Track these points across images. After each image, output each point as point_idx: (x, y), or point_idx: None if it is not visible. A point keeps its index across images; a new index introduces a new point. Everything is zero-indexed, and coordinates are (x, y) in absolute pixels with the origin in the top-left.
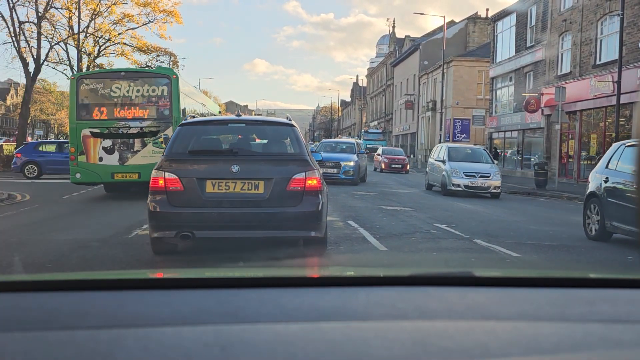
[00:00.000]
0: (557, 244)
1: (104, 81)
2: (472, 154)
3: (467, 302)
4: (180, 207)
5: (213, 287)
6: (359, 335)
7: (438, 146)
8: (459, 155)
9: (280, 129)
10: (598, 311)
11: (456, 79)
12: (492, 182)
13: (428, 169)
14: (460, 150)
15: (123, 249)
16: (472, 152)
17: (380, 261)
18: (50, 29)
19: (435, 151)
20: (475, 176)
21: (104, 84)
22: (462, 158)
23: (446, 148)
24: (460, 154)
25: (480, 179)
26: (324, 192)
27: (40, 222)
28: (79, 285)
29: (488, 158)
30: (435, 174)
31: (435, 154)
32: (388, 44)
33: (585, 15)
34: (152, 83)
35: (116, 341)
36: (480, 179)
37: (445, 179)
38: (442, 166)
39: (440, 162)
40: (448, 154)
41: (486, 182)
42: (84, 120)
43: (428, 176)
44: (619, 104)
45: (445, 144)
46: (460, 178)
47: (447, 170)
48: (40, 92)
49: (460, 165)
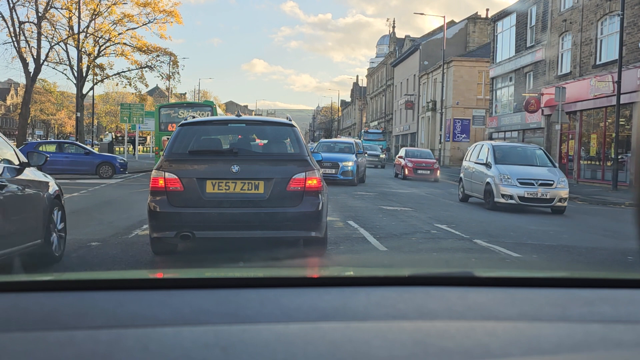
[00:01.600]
0: (557, 244)
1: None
2: (525, 154)
3: (468, 303)
4: (180, 207)
5: (213, 287)
6: (359, 335)
7: (476, 145)
8: (509, 156)
9: (281, 129)
10: (598, 311)
11: (456, 79)
12: (557, 192)
13: (462, 175)
14: (510, 150)
15: (123, 249)
16: (523, 151)
17: (380, 261)
18: (50, 29)
19: (473, 151)
20: (534, 184)
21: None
22: (513, 160)
23: (490, 147)
24: (510, 154)
25: (541, 188)
26: (324, 192)
27: None
28: (79, 285)
29: (546, 159)
30: (474, 181)
31: (472, 154)
32: (388, 44)
33: (585, 15)
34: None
35: (116, 341)
36: (541, 188)
37: (491, 188)
38: (485, 171)
39: (481, 166)
40: (493, 154)
41: (549, 193)
42: (162, 131)
43: (463, 184)
44: (619, 104)
45: (486, 141)
46: (512, 187)
47: (493, 176)
48: (40, 92)
49: (511, 169)
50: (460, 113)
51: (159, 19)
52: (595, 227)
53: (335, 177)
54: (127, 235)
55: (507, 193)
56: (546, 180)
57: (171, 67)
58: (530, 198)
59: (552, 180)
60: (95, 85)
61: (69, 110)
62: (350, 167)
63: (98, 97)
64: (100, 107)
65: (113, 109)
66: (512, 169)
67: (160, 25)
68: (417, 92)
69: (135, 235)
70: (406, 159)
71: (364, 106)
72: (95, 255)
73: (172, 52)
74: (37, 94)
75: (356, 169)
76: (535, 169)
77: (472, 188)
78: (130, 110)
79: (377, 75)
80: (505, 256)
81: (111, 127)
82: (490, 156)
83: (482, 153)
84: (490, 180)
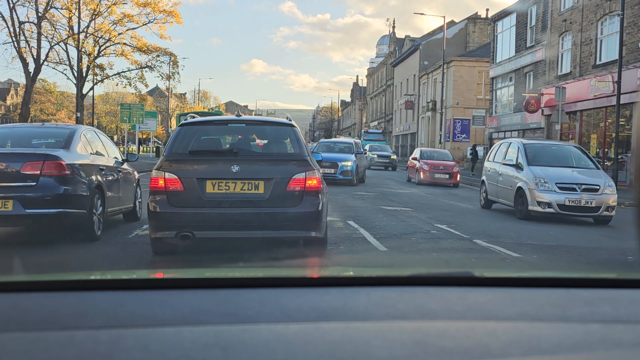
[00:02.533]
0: (557, 244)
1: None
2: (561, 154)
3: (468, 303)
4: (180, 207)
5: (213, 287)
6: (359, 335)
7: (502, 143)
8: (543, 155)
9: (281, 129)
10: (598, 311)
11: (456, 79)
12: (604, 199)
13: (484, 178)
14: (543, 149)
15: (123, 249)
16: (559, 150)
17: (381, 261)
18: (50, 29)
19: (498, 150)
20: (576, 189)
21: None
22: (548, 160)
23: (520, 145)
24: (543, 153)
25: (585, 195)
26: (324, 192)
27: None
28: (79, 285)
29: (586, 159)
30: (500, 185)
31: (496, 154)
32: (388, 44)
33: (585, 15)
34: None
35: (116, 341)
36: (585, 195)
37: (523, 194)
38: (516, 174)
39: (510, 168)
40: (525, 154)
41: (594, 200)
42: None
43: (486, 188)
44: (619, 104)
45: (515, 139)
46: (550, 193)
47: (526, 180)
48: (40, 92)
49: (548, 171)
50: (460, 113)
51: (159, 19)
52: (595, 227)
53: (334, 177)
54: (127, 235)
55: (544, 200)
56: (591, 184)
57: (171, 67)
58: (572, 206)
59: (597, 185)
60: (95, 85)
61: (69, 110)
62: (349, 167)
63: (98, 97)
64: (100, 107)
65: (113, 109)
66: (549, 172)
67: (160, 26)
68: (417, 92)
69: (135, 235)
70: (421, 161)
71: (364, 106)
72: (95, 255)
73: (172, 52)
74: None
75: (355, 169)
76: (576, 172)
77: (497, 193)
78: (130, 110)
79: (377, 75)
80: (505, 256)
81: (111, 127)
82: (521, 156)
83: (510, 153)
84: (522, 185)
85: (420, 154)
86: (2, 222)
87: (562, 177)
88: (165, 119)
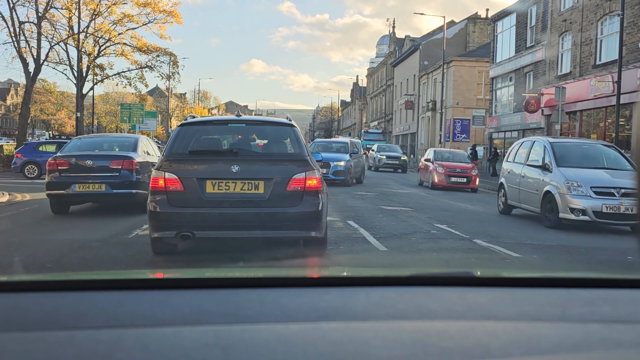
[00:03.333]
0: (557, 244)
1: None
2: (594, 154)
3: (468, 303)
4: (180, 207)
5: (213, 287)
6: (359, 335)
7: (523, 142)
8: (573, 156)
9: (281, 129)
10: (598, 311)
11: (456, 79)
12: None
13: (503, 180)
14: (574, 148)
15: (123, 249)
16: (592, 149)
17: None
18: (50, 29)
19: (519, 150)
20: (614, 194)
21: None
22: (579, 161)
23: (547, 144)
24: (574, 153)
25: (625, 200)
26: (324, 192)
27: (40, 222)
28: (79, 286)
29: (622, 160)
30: (523, 188)
31: (517, 154)
32: (388, 44)
33: (585, 15)
34: None
35: (116, 341)
36: (625, 200)
37: (553, 199)
38: (543, 176)
39: (535, 169)
40: (553, 153)
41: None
42: None
43: (506, 191)
44: (619, 104)
45: (540, 137)
46: (585, 198)
47: (555, 183)
48: (40, 92)
49: (581, 174)
50: (460, 113)
51: (159, 19)
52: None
53: (326, 177)
54: (127, 235)
55: (577, 206)
56: (632, 188)
57: (171, 67)
58: (611, 214)
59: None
60: (95, 85)
61: (69, 110)
62: (342, 166)
63: (98, 97)
64: (100, 107)
65: (113, 109)
66: (581, 174)
67: (160, 26)
68: (417, 92)
69: (135, 235)
70: (435, 163)
71: (364, 106)
72: (95, 255)
73: (172, 52)
74: (37, 94)
75: (349, 169)
76: (612, 173)
77: (519, 197)
78: (130, 110)
79: (377, 75)
80: (505, 256)
81: (111, 127)
82: (549, 156)
83: (534, 152)
84: (551, 189)
85: (434, 155)
86: (98, 198)
87: (597, 179)
88: (165, 119)
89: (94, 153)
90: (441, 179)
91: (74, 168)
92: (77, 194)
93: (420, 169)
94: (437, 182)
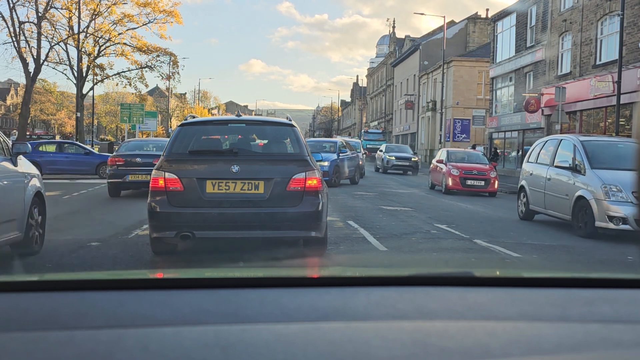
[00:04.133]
0: (557, 244)
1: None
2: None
3: (468, 303)
4: (180, 207)
5: (213, 287)
6: (359, 335)
7: (548, 140)
8: (607, 156)
9: (281, 129)
10: (598, 311)
11: (456, 79)
12: None
13: (524, 183)
14: (607, 148)
15: (123, 249)
16: (628, 149)
17: (380, 261)
18: (50, 29)
19: (543, 149)
20: None
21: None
22: (613, 162)
23: (578, 143)
24: (608, 154)
25: None
26: (324, 192)
27: None
28: (79, 285)
29: None
30: (549, 192)
31: (540, 154)
32: (388, 44)
33: (585, 15)
34: None
35: (116, 341)
36: None
37: (587, 206)
38: (573, 178)
39: (564, 171)
40: (585, 153)
41: None
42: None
43: (527, 195)
44: (619, 104)
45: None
46: (625, 204)
47: (590, 187)
48: (40, 92)
49: (619, 176)
50: (460, 113)
51: (159, 19)
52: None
53: None
54: (127, 235)
55: (617, 214)
56: None
57: (171, 67)
58: None
59: None
60: (95, 85)
61: (69, 110)
62: (325, 167)
63: (98, 97)
64: (100, 107)
65: (113, 109)
66: (620, 176)
67: (160, 26)
68: (417, 92)
69: (135, 235)
70: (449, 165)
71: (364, 106)
72: (95, 255)
73: (172, 52)
74: (37, 94)
75: (334, 169)
76: None
77: (545, 202)
78: (130, 110)
79: (377, 75)
80: (505, 256)
81: (111, 127)
82: (581, 156)
83: (561, 152)
84: (584, 194)
85: (448, 155)
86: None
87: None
88: (165, 119)
89: (140, 152)
90: (456, 182)
91: (127, 163)
92: (129, 182)
93: (432, 170)
94: (452, 186)
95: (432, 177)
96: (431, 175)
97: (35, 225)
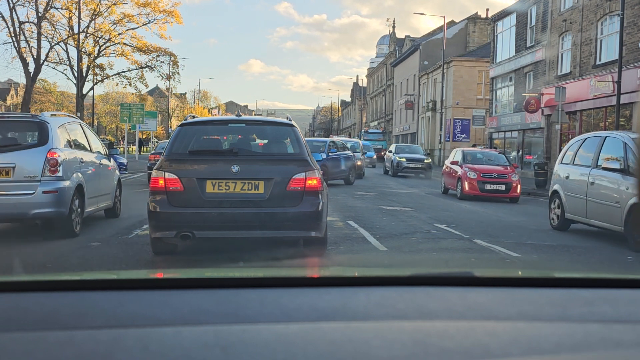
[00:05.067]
0: (557, 244)
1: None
2: None
3: (468, 303)
4: (180, 207)
5: (213, 287)
6: (359, 335)
7: (587, 139)
8: None
9: (281, 129)
10: (598, 311)
11: (456, 79)
12: None
13: (558, 187)
14: None
15: (123, 249)
16: None
17: (380, 261)
18: (50, 29)
19: (580, 149)
20: None
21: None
22: None
23: (629, 141)
24: None
25: None
26: (324, 192)
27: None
28: (79, 285)
29: None
30: (593, 199)
31: (577, 154)
32: (388, 44)
33: (585, 15)
34: None
35: (116, 341)
36: None
37: None
38: (623, 183)
39: (612, 174)
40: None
41: None
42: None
43: (563, 202)
44: (619, 104)
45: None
46: None
47: None
48: (40, 92)
49: None
50: (460, 113)
51: (159, 19)
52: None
53: None
54: (127, 235)
55: None
56: None
57: (171, 67)
58: None
59: None
60: (95, 85)
61: (69, 110)
62: None
63: (98, 97)
64: (100, 107)
65: (113, 109)
66: None
67: (160, 26)
68: (417, 92)
69: (135, 235)
70: (464, 167)
71: (364, 106)
72: (95, 255)
73: (172, 52)
74: (37, 94)
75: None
76: None
77: (587, 210)
78: (130, 110)
79: (377, 75)
80: (505, 256)
81: (111, 127)
82: (633, 157)
83: (607, 152)
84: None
85: (463, 156)
86: None
87: None
88: (165, 119)
89: None
90: (473, 187)
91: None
92: None
93: (445, 173)
94: (468, 190)
95: (445, 180)
96: (444, 179)
97: (118, 199)
